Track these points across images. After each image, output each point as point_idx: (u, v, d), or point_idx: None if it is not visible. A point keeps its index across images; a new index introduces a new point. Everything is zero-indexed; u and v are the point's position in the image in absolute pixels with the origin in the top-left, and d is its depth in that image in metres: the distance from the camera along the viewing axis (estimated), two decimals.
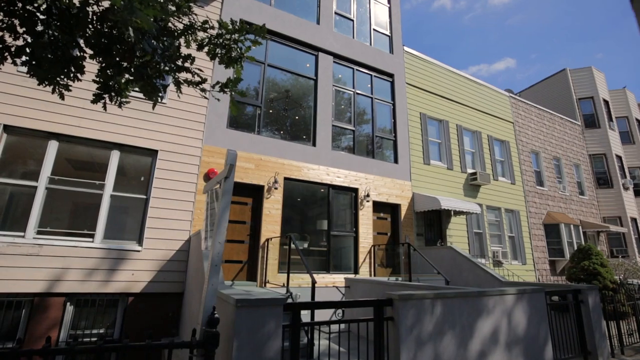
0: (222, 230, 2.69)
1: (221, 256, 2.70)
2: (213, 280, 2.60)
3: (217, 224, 2.69)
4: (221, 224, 2.70)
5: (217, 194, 2.92)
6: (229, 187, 2.79)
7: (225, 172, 2.78)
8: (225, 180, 2.79)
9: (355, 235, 8.86)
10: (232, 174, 2.81)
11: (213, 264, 2.64)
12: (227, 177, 2.78)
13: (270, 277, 7.36)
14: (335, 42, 9.95)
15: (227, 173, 2.76)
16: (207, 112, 7.59)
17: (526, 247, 12.72)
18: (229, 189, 2.78)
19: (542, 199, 14.18)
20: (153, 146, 6.91)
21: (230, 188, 2.82)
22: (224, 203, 2.74)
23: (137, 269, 6.33)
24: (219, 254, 2.67)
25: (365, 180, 9.36)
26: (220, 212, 2.72)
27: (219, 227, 2.69)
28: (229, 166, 2.75)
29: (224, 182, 2.79)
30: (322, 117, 9.12)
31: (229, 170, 2.75)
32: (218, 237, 2.67)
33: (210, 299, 2.56)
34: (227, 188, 2.77)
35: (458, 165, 11.71)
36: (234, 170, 2.83)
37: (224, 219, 2.72)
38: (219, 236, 2.67)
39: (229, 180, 2.80)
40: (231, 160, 2.80)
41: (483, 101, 13.53)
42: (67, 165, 6.44)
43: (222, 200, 2.75)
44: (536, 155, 15.00)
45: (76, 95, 6.50)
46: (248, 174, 7.71)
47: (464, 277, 7.88)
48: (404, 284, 5.55)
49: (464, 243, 10.94)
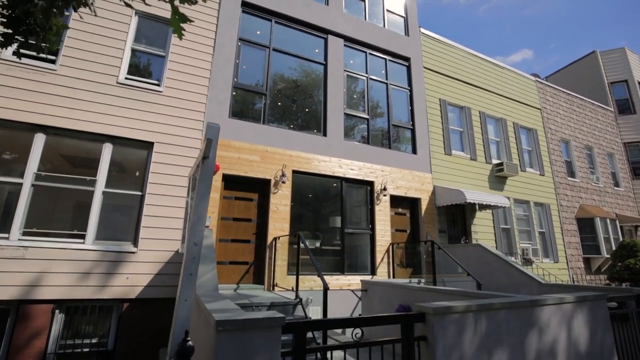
0: (198, 228, 2.01)
1: (198, 262, 2.02)
2: (186, 295, 1.92)
3: (192, 220, 2.01)
4: (197, 220, 2.03)
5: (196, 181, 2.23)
6: (208, 170, 2.10)
7: (203, 151, 2.09)
8: (203, 161, 2.10)
9: (371, 233, 8.10)
10: (213, 153, 2.12)
11: (186, 273, 1.96)
12: (206, 157, 2.09)
13: (279, 279, 6.69)
14: (345, 24, 9.18)
15: (205, 152, 2.08)
16: (207, 100, 6.97)
17: (558, 244, 11.66)
18: (207, 173, 2.10)
19: (574, 192, 13.04)
20: (148, 138, 6.33)
21: (211, 172, 2.13)
22: (201, 191, 2.06)
23: (132, 272, 5.76)
24: (195, 259, 1.99)
25: (382, 172, 8.58)
26: (195, 203, 2.04)
27: (195, 223, 2.01)
28: (207, 142, 2.06)
29: (202, 165, 2.11)
30: (333, 105, 8.38)
31: (207, 148, 2.06)
32: (193, 237, 1.99)
33: (183, 320, 1.88)
34: (205, 172, 2.09)
35: (482, 155, 10.77)
36: (215, 148, 2.13)
37: (201, 213, 2.04)
38: (195, 235, 1.99)
39: (208, 162, 2.11)
40: (211, 135, 2.11)
41: (507, 86, 12.49)
42: (55, 160, 5.92)
43: (199, 188, 2.06)
44: (566, 144, 13.85)
45: (65, 84, 6.00)
46: (253, 167, 7.05)
47: (495, 278, 7.03)
48: (429, 289, 4.78)
49: (490, 240, 10.02)
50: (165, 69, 6.81)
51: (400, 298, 5.23)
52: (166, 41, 7.01)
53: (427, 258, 8.55)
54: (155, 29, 7.03)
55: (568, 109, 14.39)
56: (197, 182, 2.07)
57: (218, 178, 6.67)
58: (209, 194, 2.15)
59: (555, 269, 11.21)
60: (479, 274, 7.07)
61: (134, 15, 6.83)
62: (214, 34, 7.40)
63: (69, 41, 6.18)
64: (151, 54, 6.89)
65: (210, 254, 4.18)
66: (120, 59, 6.49)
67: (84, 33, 6.31)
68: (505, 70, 12.66)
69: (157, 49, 6.92)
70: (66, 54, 6.13)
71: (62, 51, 6.11)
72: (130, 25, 6.74)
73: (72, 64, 6.14)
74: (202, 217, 2.05)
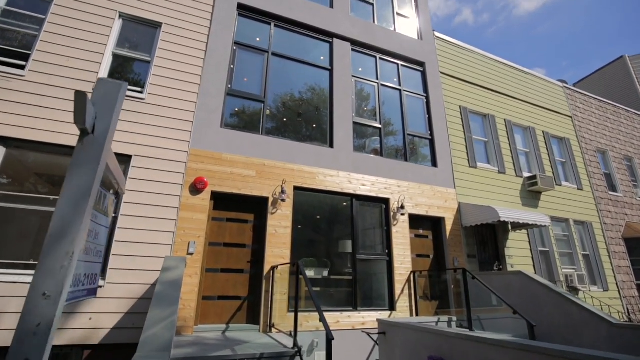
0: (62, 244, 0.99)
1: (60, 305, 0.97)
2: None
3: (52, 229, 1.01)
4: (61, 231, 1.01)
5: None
6: (94, 149, 1.10)
7: (84, 113, 1.09)
8: (82, 139, 1.11)
9: (388, 259, 6.89)
10: (105, 123, 1.13)
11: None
12: (84, 129, 1.09)
13: (278, 318, 5.52)
14: (352, 27, 8.40)
15: (77, 118, 1.09)
16: (195, 108, 6.14)
17: (606, 268, 10.07)
18: (94, 152, 1.10)
19: (618, 208, 11.51)
20: (126, 151, 5.47)
21: (99, 153, 1.13)
22: (78, 184, 1.05)
23: (97, 311, 4.73)
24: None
25: (398, 188, 7.46)
26: (62, 204, 1.03)
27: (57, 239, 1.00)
28: (77, 98, 1.07)
29: (85, 139, 1.11)
30: (340, 113, 7.44)
31: (80, 109, 1.07)
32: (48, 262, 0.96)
33: None
34: (85, 154, 1.09)
35: (511, 167, 9.53)
36: (114, 113, 1.14)
37: (72, 220, 1.03)
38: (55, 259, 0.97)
39: (93, 139, 1.11)
40: (102, 90, 1.11)
41: (534, 93, 11.37)
42: (14, 178, 5.10)
43: (72, 180, 1.06)
44: (603, 155, 12.44)
45: (31, 91, 5.27)
46: (248, 183, 6.07)
47: (546, 315, 5.66)
48: (469, 337, 3.55)
49: (527, 265, 8.60)
50: (149, 74, 6.06)
51: (430, 347, 4.00)
52: (152, 45, 6.32)
53: (455, 288, 7.23)
54: (140, 32, 6.36)
55: (601, 116, 13.08)
56: (69, 170, 1.08)
57: (206, 197, 5.70)
58: (96, 186, 1.14)
59: (606, 299, 9.58)
60: (525, 309, 5.72)
61: (117, 19, 6.18)
62: (207, 38, 6.69)
63: (41, 45, 5.52)
64: (135, 59, 6.18)
65: (172, 293, 3.13)
66: (99, 64, 5.78)
67: (60, 37, 5.66)
68: (529, 76, 11.59)
69: (141, 53, 6.21)
70: (37, 58, 5.45)
71: (33, 55, 5.43)
72: (113, 29, 6.08)
73: (44, 69, 5.43)
74: (73, 225, 1.04)
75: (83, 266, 1.88)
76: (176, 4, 6.65)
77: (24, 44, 5.52)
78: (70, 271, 1.05)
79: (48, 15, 5.72)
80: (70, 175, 1.06)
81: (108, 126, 1.16)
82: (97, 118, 1.13)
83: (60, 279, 0.97)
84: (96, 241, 2.14)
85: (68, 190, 1.05)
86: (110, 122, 1.17)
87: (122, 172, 2.70)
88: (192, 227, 5.46)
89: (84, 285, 2.01)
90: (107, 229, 2.49)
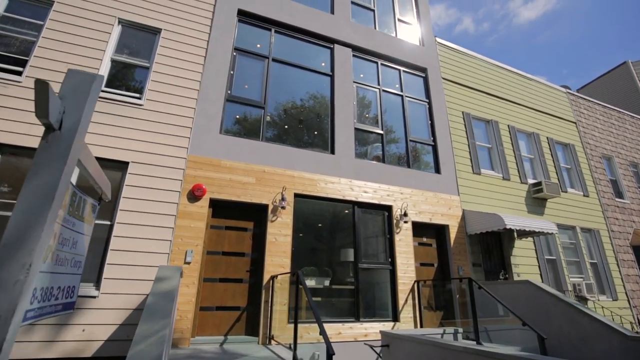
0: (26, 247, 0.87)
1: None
2: None
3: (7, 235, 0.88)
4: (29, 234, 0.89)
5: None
6: (60, 146, 0.98)
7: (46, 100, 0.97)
8: (47, 135, 0.98)
9: (391, 268, 6.72)
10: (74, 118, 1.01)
11: None
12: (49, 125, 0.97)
13: (278, 329, 5.35)
14: (353, 33, 8.36)
15: (39, 110, 0.96)
16: (194, 114, 6.05)
17: (615, 277, 9.83)
18: (60, 150, 0.97)
19: (625, 215, 11.29)
20: (123, 157, 5.37)
21: (66, 151, 1.01)
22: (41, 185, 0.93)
23: (90, 322, 4.58)
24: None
25: (401, 195, 7.32)
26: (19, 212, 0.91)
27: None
28: (38, 87, 0.95)
29: (49, 136, 0.99)
30: (341, 119, 7.34)
31: (41, 101, 0.95)
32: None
33: None
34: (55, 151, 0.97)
35: (516, 174, 9.38)
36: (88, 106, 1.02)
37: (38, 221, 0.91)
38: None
39: (59, 135, 0.99)
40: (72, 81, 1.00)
41: (537, 98, 11.26)
42: (9, 184, 5.00)
43: (30, 181, 0.94)
44: (608, 161, 12.26)
45: (28, 97, 5.20)
46: (247, 190, 5.95)
47: (556, 326, 5.45)
48: (479, 352, 3.37)
49: (534, 274, 8.39)
50: (148, 80, 5.99)
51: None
52: (151, 51, 6.26)
53: (460, 298, 7.03)
54: (139, 38, 6.31)
55: (606, 122, 12.94)
56: (30, 170, 0.95)
57: (204, 204, 5.58)
58: (62, 188, 1.02)
59: (616, 308, 9.32)
60: (533, 320, 5.52)
61: (116, 25, 6.14)
62: (206, 43, 6.63)
63: (39, 51, 5.47)
64: (134, 65, 6.12)
65: (164, 305, 2.97)
66: (97, 70, 5.71)
67: (58, 43, 5.62)
68: (532, 82, 11.49)
69: (140, 59, 6.15)
70: (35, 64, 5.40)
71: (30, 61, 5.38)
72: (112, 35, 6.03)
73: (41, 75, 5.36)
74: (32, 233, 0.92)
75: (55, 278, 1.74)
76: (176, 10, 6.62)
77: (22, 50, 5.48)
78: (27, 286, 0.93)
79: (47, 22, 5.68)
80: (31, 176, 0.93)
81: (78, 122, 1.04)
82: (65, 112, 1.01)
83: (14, 295, 0.84)
84: (74, 250, 2.00)
85: (27, 193, 0.93)
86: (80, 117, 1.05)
87: (107, 177, 2.57)
88: (190, 236, 5.33)
89: (58, 299, 1.87)
90: (87, 237, 2.36)
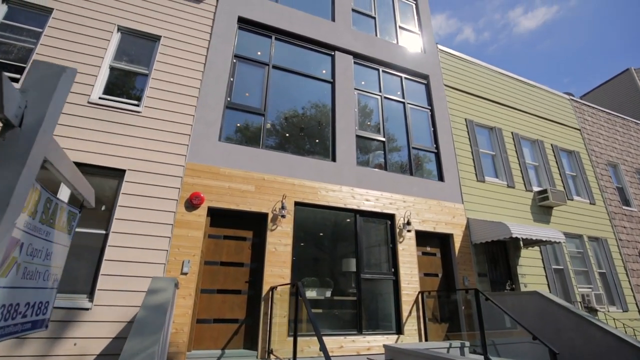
0: None
1: None
2: None
3: None
4: None
5: None
6: (20, 145, 0.86)
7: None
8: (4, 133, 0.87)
9: (395, 279, 6.53)
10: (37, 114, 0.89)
11: None
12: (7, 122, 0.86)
13: (277, 342, 5.16)
14: (354, 40, 8.32)
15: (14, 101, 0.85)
16: (193, 121, 5.96)
17: (624, 287, 9.57)
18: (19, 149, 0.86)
19: (633, 223, 11.06)
20: (120, 165, 5.27)
21: (26, 150, 0.89)
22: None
23: (83, 335, 4.41)
24: None
25: (403, 203, 7.16)
26: None
27: None
28: None
29: (7, 133, 0.87)
30: (342, 126, 7.24)
31: None
32: None
33: None
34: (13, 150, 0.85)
35: (520, 181, 9.21)
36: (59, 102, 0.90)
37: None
38: None
39: (19, 133, 0.87)
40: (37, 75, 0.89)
41: (540, 105, 11.16)
42: None
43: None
44: (614, 168, 12.08)
45: None
46: (246, 198, 5.82)
47: (566, 339, 5.23)
48: None
49: (542, 284, 8.15)
50: (147, 87, 5.93)
51: None
52: (150, 58, 6.21)
53: (466, 310, 6.82)
54: (138, 45, 6.27)
55: (610, 129, 12.79)
56: None
57: (202, 213, 5.45)
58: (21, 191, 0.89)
59: (626, 320, 9.03)
60: (542, 332, 5.31)
61: (115, 32, 6.11)
62: (206, 50, 6.59)
63: (37, 58, 5.42)
64: (133, 72, 6.06)
65: (156, 319, 2.81)
66: (95, 77, 5.66)
67: (56, 50, 5.58)
68: (535, 89, 11.40)
69: (139, 66, 6.10)
70: None
71: (28, 68, 5.32)
72: (111, 42, 6.00)
73: None
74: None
75: (21, 294, 1.60)
76: (175, 18, 6.59)
77: (20, 57, 5.43)
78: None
79: (45, 29, 5.65)
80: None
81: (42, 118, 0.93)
82: (27, 107, 0.90)
83: None
84: (47, 262, 1.86)
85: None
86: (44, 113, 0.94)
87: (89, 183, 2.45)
88: (187, 245, 5.18)
89: (26, 317, 1.72)
90: (65, 247, 2.22)
